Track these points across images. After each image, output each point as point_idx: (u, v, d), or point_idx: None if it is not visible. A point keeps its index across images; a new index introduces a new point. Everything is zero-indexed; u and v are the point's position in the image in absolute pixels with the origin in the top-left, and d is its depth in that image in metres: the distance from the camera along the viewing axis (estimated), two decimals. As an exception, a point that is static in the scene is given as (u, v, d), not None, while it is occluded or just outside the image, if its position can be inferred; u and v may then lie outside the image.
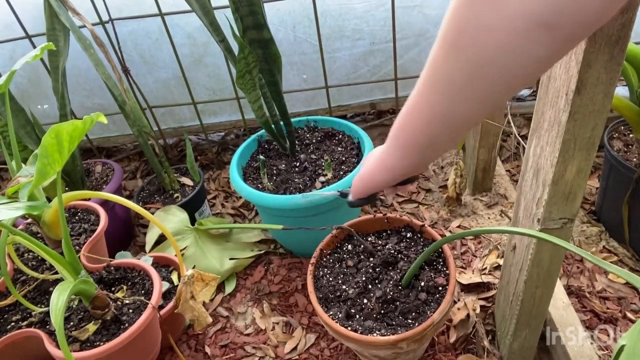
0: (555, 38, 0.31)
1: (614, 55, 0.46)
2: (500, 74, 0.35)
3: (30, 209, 0.66)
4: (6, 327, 0.84)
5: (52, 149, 0.58)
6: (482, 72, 0.36)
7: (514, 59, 0.33)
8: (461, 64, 0.36)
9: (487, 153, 1.18)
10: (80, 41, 1.08)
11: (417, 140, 0.46)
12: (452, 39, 0.36)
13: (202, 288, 0.84)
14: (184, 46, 1.36)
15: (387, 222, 0.92)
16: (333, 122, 1.23)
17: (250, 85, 0.99)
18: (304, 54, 1.39)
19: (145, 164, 1.62)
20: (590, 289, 0.98)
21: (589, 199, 1.21)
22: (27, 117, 1.15)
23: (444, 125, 0.42)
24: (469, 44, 0.35)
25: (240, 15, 0.93)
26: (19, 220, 1.05)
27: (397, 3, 1.22)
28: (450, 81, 0.39)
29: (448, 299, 0.74)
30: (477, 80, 0.37)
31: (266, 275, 1.16)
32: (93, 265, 0.89)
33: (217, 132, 1.65)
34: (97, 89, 1.46)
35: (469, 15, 0.33)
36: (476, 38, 0.34)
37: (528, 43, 0.31)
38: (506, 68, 0.35)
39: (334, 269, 0.86)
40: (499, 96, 0.38)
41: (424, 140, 0.45)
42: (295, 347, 0.98)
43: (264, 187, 1.07)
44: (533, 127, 0.63)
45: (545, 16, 0.29)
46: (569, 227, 0.62)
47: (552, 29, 0.30)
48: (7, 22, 1.28)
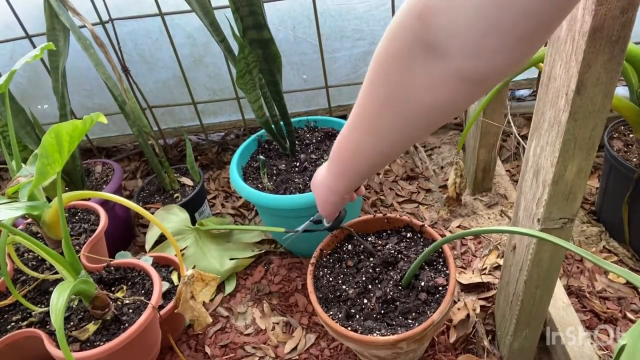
0: (481, 89, 0.37)
1: (614, 55, 0.46)
2: (428, 122, 0.41)
3: (30, 209, 0.66)
4: (6, 327, 0.84)
5: (52, 149, 0.58)
6: (413, 123, 0.42)
7: (443, 109, 0.39)
8: (393, 116, 0.42)
9: (487, 153, 1.18)
10: (80, 41, 1.08)
11: (349, 168, 0.53)
12: (386, 98, 0.41)
13: (202, 288, 0.84)
14: (184, 46, 1.36)
15: (387, 222, 0.92)
16: (333, 122, 1.23)
17: (250, 85, 0.99)
18: (304, 54, 1.39)
19: (145, 164, 1.62)
20: (590, 289, 0.98)
21: (589, 199, 1.21)
22: (27, 117, 1.15)
23: (372, 157, 0.49)
24: (404, 103, 0.40)
25: (240, 15, 0.93)
26: (19, 220, 1.05)
27: (397, 3, 1.22)
28: (380, 128, 0.44)
29: (448, 299, 0.74)
30: (406, 128, 0.43)
31: (266, 275, 1.16)
32: (93, 265, 0.89)
33: (217, 132, 1.65)
34: (97, 89, 1.46)
35: (404, 78, 0.38)
36: (412, 98, 0.39)
37: (458, 96, 0.37)
38: (435, 117, 0.41)
39: (334, 269, 0.86)
40: (422, 136, 0.49)
41: (355, 168, 0.52)
42: (295, 347, 0.98)
43: (264, 187, 1.06)
44: (533, 127, 0.63)
45: (478, 75, 0.34)
46: (569, 227, 0.62)
47: (480, 84, 0.36)
48: (7, 22, 1.28)
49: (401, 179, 1.37)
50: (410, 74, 0.37)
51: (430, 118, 0.41)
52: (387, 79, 0.40)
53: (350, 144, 0.50)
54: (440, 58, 0.34)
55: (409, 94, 0.39)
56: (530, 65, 0.98)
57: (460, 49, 0.32)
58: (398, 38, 0.37)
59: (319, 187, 0.62)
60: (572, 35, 0.49)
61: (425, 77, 0.36)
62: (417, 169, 1.39)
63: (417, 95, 0.38)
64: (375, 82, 0.41)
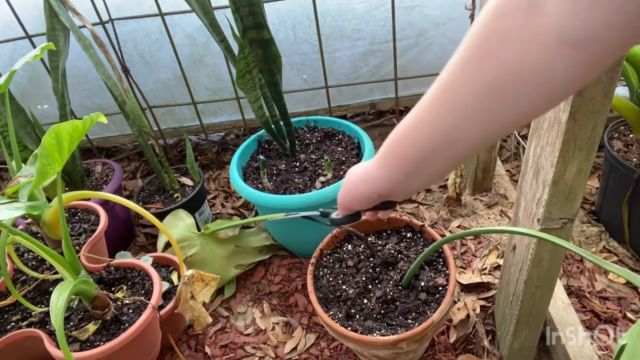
0: (585, 59, 0.30)
1: (614, 55, 0.46)
2: (515, 96, 0.33)
3: (30, 209, 0.66)
4: (6, 327, 0.84)
5: (52, 149, 0.58)
6: (496, 91, 0.34)
7: (532, 79, 0.32)
8: (475, 79, 0.34)
9: (487, 153, 1.18)
10: (80, 41, 1.08)
11: (406, 153, 0.43)
12: (470, 53, 0.34)
13: (202, 288, 0.84)
14: (184, 46, 1.36)
15: (387, 222, 0.92)
16: (333, 122, 1.23)
17: (250, 85, 0.99)
18: (304, 54, 1.39)
19: (145, 164, 1.62)
20: (590, 289, 0.98)
21: (589, 199, 1.21)
22: (27, 117, 1.15)
23: (441, 144, 0.39)
24: (488, 58, 0.33)
25: (240, 15, 0.93)
26: (19, 220, 1.05)
27: (397, 3, 1.22)
28: (460, 98, 0.36)
29: (448, 299, 0.74)
30: (488, 100, 0.34)
31: (266, 275, 1.16)
32: (93, 265, 0.89)
33: (217, 132, 1.65)
34: (97, 89, 1.46)
35: (492, 27, 0.32)
36: (497, 52, 0.32)
37: (551, 61, 0.30)
38: (522, 89, 0.33)
39: (334, 269, 0.86)
40: (505, 124, 0.36)
41: (413, 155, 0.42)
42: (295, 347, 0.98)
43: (264, 187, 1.07)
44: (533, 127, 0.63)
45: (576, 34, 0.28)
46: (569, 227, 0.62)
47: (581, 48, 0.29)
48: (7, 22, 1.28)
49: (401, 179, 1.37)
50: (499, 26, 0.31)
51: (519, 91, 0.33)
52: (476, 31, 0.34)
53: (416, 130, 0.41)
54: (536, 13, 0.29)
55: (494, 55, 0.32)
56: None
57: (558, 1, 0.28)
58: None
59: (355, 174, 0.53)
60: (572, 35, 0.48)
61: (516, 35, 0.31)
62: (417, 169, 1.39)
63: (504, 56, 0.32)
64: (463, 44, 0.35)
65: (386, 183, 0.47)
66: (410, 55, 1.39)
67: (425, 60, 1.40)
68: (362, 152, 1.08)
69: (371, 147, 1.08)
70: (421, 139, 0.41)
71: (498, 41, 0.32)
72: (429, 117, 0.40)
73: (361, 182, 0.51)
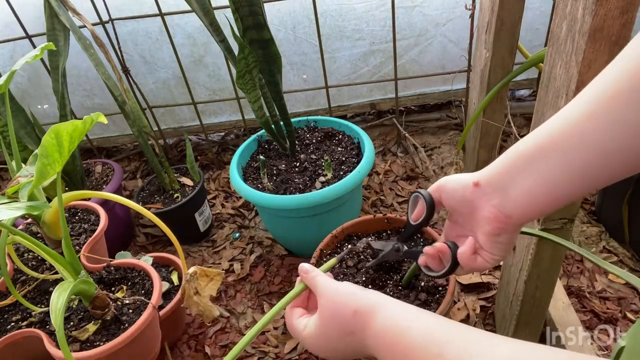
0: None
1: (614, 55, 0.46)
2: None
3: (30, 209, 0.66)
4: (6, 327, 0.84)
5: (52, 149, 0.58)
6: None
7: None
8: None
9: (487, 153, 1.18)
10: (80, 41, 1.08)
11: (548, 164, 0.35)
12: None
13: (207, 283, 0.84)
14: (184, 46, 1.36)
15: (387, 222, 0.92)
16: (333, 122, 1.23)
17: (250, 85, 0.99)
18: (304, 54, 1.39)
19: (145, 164, 1.62)
20: (590, 289, 0.98)
21: (589, 199, 1.21)
22: (27, 117, 1.15)
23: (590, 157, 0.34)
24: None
25: (240, 15, 0.93)
26: (19, 220, 1.05)
27: (397, 3, 1.22)
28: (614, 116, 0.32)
29: (448, 299, 0.74)
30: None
31: (266, 275, 1.16)
32: (93, 265, 0.89)
33: (217, 132, 1.65)
34: (97, 89, 1.46)
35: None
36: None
37: None
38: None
39: (333, 269, 0.86)
40: None
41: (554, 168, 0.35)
42: (295, 347, 0.98)
43: (264, 187, 1.06)
44: (533, 127, 0.63)
45: None
46: (568, 227, 0.62)
47: None
48: (7, 22, 1.28)
49: (401, 179, 1.37)
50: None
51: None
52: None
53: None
54: None
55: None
56: (531, 66, 0.98)
57: None
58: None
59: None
60: (572, 35, 0.48)
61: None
62: (417, 169, 1.39)
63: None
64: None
65: (520, 209, 0.38)
66: (410, 55, 1.39)
67: (425, 60, 1.40)
68: (362, 152, 1.08)
69: (371, 146, 1.08)
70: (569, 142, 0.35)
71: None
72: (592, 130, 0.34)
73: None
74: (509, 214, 0.37)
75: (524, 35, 1.00)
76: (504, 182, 0.37)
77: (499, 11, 0.89)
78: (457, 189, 0.41)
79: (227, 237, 1.29)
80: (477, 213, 0.39)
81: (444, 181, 0.43)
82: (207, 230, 1.30)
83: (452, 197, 0.42)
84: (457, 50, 1.36)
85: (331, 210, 1.02)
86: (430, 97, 1.50)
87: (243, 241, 1.27)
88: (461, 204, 0.41)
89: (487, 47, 0.97)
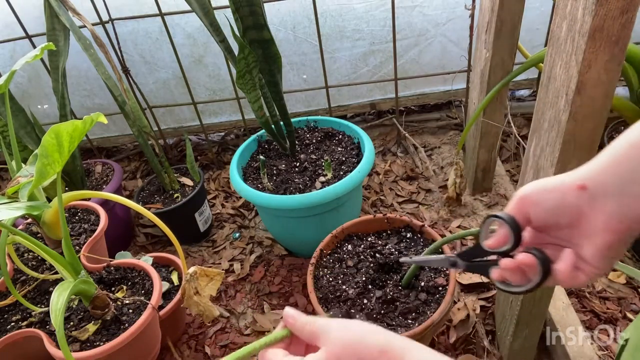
0: None
1: (614, 55, 0.46)
2: None
3: (30, 209, 0.66)
4: (6, 327, 0.84)
5: (52, 149, 0.58)
6: None
7: None
8: None
9: (487, 153, 1.18)
10: (80, 41, 1.08)
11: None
12: None
13: (207, 283, 0.84)
14: (184, 46, 1.36)
15: (387, 222, 0.92)
16: (333, 122, 1.23)
17: (250, 85, 0.99)
18: (304, 54, 1.39)
19: (145, 164, 1.62)
20: (590, 289, 0.98)
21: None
22: (27, 117, 1.15)
23: None
24: None
25: (240, 15, 0.93)
26: (19, 220, 1.05)
27: (397, 3, 1.22)
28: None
29: (448, 299, 0.74)
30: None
31: (266, 275, 1.16)
32: (93, 265, 0.89)
33: (217, 132, 1.65)
34: (97, 89, 1.46)
35: None
36: None
37: None
38: None
39: (334, 269, 0.86)
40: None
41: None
42: None
43: (264, 187, 1.06)
44: (533, 127, 0.63)
45: None
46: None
47: None
48: (7, 22, 1.28)
49: (401, 179, 1.37)
50: None
51: None
52: None
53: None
54: None
55: None
56: (530, 66, 0.98)
57: None
58: None
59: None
60: (572, 35, 0.49)
61: None
62: (417, 169, 1.39)
63: None
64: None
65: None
66: (410, 55, 1.39)
67: (425, 60, 1.40)
68: (362, 152, 1.08)
69: (371, 146, 1.08)
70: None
71: None
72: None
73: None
74: (630, 222, 0.30)
75: (524, 35, 1.00)
76: (620, 183, 0.30)
77: (499, 11, 0.89)
78: (548, 197, 0.33)
79: (227, 237, 1.29)
80: (585, 223, 0.32)
81: (526, 193, 0.35)
82: (207, 230, 1.30)
83: (543, 209, 0.34)
84: (457, 50, 1.36)
85: (331, 210, 1.02)
86: (430, 97, 1.50)
87: (243, 241, 1.27)
88: (557, 213, 0.33)
89: (487, 47, 0.97)
